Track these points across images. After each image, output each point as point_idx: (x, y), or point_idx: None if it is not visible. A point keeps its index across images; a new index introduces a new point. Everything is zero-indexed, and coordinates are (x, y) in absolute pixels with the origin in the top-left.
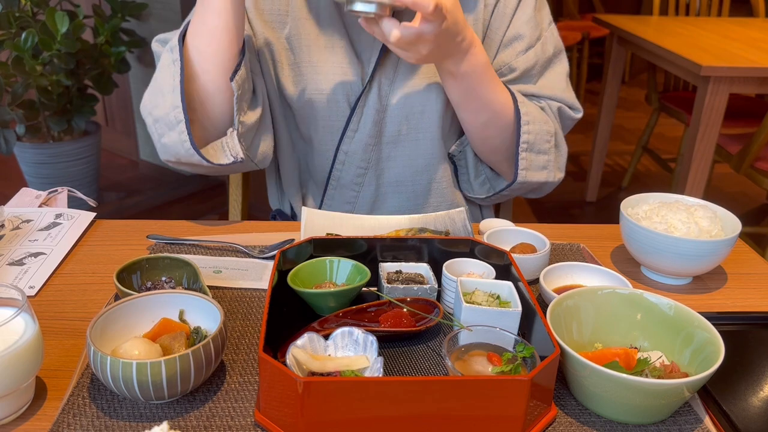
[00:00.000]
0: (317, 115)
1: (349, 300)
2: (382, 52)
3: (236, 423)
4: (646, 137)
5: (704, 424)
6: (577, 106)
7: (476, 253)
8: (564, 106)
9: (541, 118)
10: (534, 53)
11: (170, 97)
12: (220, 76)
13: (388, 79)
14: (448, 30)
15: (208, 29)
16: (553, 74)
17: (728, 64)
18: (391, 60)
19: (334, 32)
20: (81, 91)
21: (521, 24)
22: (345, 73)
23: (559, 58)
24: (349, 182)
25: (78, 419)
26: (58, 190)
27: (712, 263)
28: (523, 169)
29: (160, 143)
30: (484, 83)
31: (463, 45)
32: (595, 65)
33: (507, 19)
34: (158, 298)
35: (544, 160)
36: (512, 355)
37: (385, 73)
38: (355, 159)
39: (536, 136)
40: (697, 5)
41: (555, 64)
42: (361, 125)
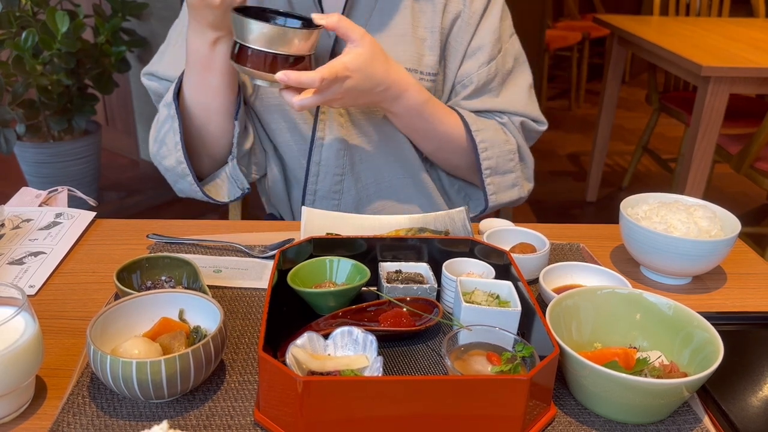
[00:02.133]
0: (283, 127)
1: (349, 299)
2: (334, 53)
3: (236, 422)
4: (646, 137)
5: (703, 424)
6: (540, 119)
7: (476, 252)
8: (527, 120)
9: (500, 138)
10: (495, 65)
11: (174, 154)
12: (226, 122)
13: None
14: (357, 87)
15: (213, 88)
16: (514, 87)
17: (728, 65)
18: None
19: None
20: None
21: (485, 34)
22: None
23: (520, 70)
24: (327, 192)
25: (78, 418)
26: (58, 189)
27: (712, 263)
28: (493, 194)
29: (175, 187)
30: (425, 119)
31: (389, 93)
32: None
33: (471, 29)
34: (158, 298)
35: (512, 179)
36: (512, 355)
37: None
38: (329, 168)
39: (498, 159)
40: (698, 5)
41: (516, 76)
42: (327, 133)
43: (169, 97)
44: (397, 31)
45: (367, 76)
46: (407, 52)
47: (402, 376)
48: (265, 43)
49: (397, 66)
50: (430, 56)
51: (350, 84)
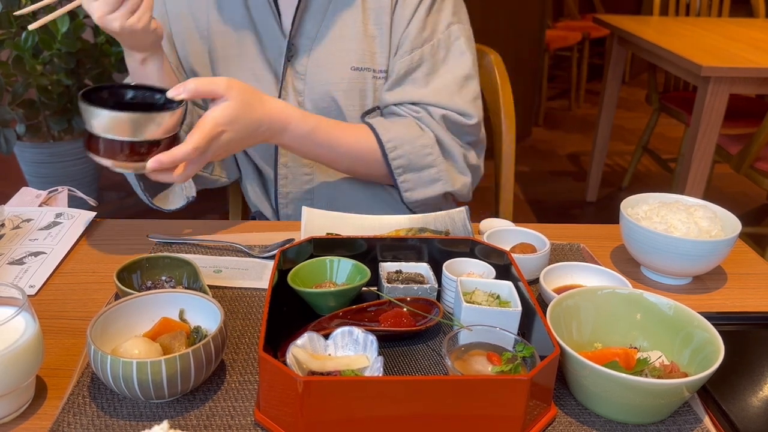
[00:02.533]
0: None
1: (349, 299)
2: (288, 59)
3: (236, 422)
4: (646, 137)
5: (704, 424)
6: (468, 112)
7: (476, 252)
8: (451, 113)
9: (412, 134)
10: (420, 55)
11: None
12: None
13: (300, 85)
14: (235, 137)
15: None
16: (442, 79)
17: (728, 65)
18: (299, 67)
19: (245, 42)
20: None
21: (412, 25)
22: (258, 81)
23: (455, 62)
24: (299, 193)
25: (78, 418)
26: (59, 189)
27: (712, 263)
28: (407, 191)
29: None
30: (319, 144)
31: (271, 131)
32: (595, 65)
33: (405, 21)
34: (158, 298)
35: (432, 174)
36: (512, 355)
37: (297, 79)
38: (298, 168)
39: (410, 157)
40: (698, 5)
41: (450, 67)
42: None
43: None
44: (350, 31)
45: (243, 125)
46: (359, 51)
47: (402, 376)
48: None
49: (273, 102)
50: (381, 54)
51: (227, 137)
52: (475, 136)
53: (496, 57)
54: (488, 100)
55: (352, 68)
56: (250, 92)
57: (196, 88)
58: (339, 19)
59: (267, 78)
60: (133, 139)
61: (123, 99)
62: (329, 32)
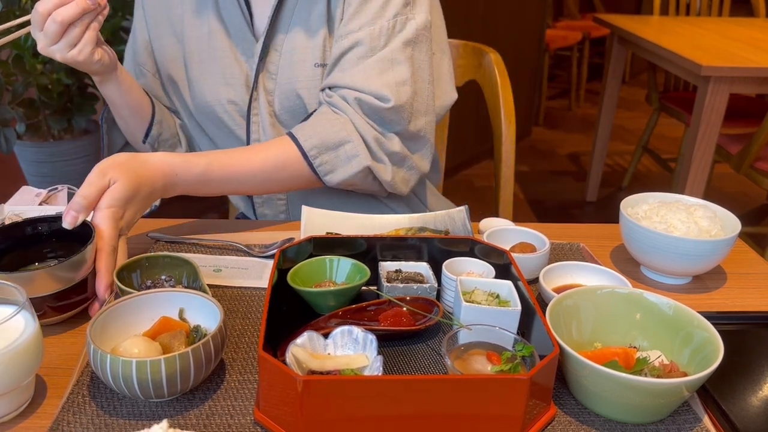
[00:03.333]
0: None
1: (349, 299)
2: (261, 58)
3: (236, 421)
4: (646, 137)
5: (703, 424)
6: (383, 95)
7: (476, 252)
8: (364, 95)
9: (322, 119)
10: (354, 40)
11: None
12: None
13: (272, 84)
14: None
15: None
16: (365, 66)
17: (728, 64)
18: (271, 65)
19: (216, 45)
20: (81, 89)
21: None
22: (229, 84)
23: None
24: (273, 197)
25: (78, 417)
26: (58, 188)
27: (712, 263)
28: (327, 174)
29: None
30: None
31: (164, 186)
32: (595, 65)
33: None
34: (158, 297)
35: (348, 150)
36: (511, 354)
37: (269, 77)
38: None
39: (322, 136)
40: (698, 5)
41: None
42: (261, 134)
43: (101, 117)
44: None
45: (139, 197)
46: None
47: (402, 376)
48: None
49: (154, 158)
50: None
51: (129, 215)
52: (400, 125)
53: (496, 56)
54: (488, 99)
55: (315, 65)
56: (127, 163)
57: (84, 199)
58: (306, 15)
59: (238, 80)
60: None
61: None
62: (297, 28)
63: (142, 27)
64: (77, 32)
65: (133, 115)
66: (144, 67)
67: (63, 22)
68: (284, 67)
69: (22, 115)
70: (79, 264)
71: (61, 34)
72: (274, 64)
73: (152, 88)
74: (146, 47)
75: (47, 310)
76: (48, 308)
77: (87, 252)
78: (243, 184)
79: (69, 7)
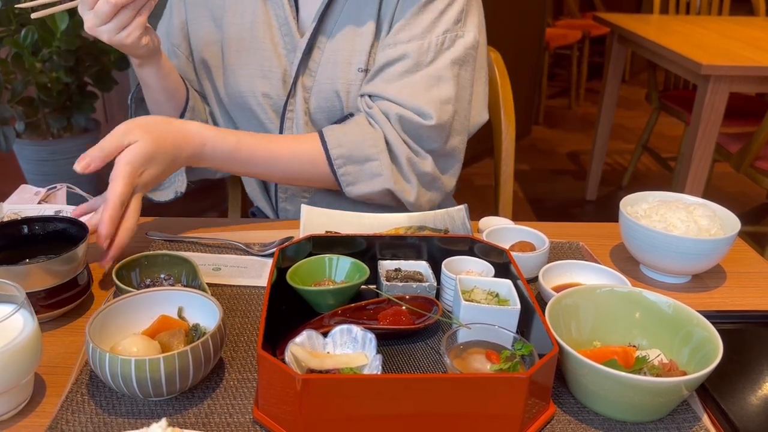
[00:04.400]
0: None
1: (348, 298)
2: (306, 52)
3: (235, 420)
4: (646, 136)
5: (702, 423)
6: (426, 112)
7: (475, 251)
8: (406, 112)
9: (357, 129)
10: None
11: None
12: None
13: (310, 82)
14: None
15: (155, 100)
16: (412, 81)
17: (728, 63)
18: (312, 64)
19: (258, 35)
20: (81, 88)
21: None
22: (265, 77)
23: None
24: (297, 190)
25: (77, 416)
26: (57, 186)
27: (711, 262)
28: (348, 185)
29: None
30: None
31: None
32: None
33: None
34: (157, 295)
35: (373, 167)
36: (511, 353)
37: (308, 76)
38: None
39: (350, 147)
40: (698, 4)
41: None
42: (294, 131)
43: (129, 98)
44: (363, 30)
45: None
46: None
47: (401, 375)
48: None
49: (187, 125)
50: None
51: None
52: (436, 143)
53: (496, 55)
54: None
55: (359, 69)
56: (157, 125)
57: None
58: (354, 17)
59: (275, 74)
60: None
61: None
62: (344, 29)
63: (179, 8)
64: (128, 15)
65: (168, 100)
66: (178, 49)
67: (117, 3)
68: (325, 66)
69: (22, 113)
70: (72, 260)
71: (112, 15)
72: (315, 62)
73: (184, 70)
74: (182, 28)
75: (38, 307)
76: (39, 305)
77: (80, 249)
78: (266, 170)
79: None
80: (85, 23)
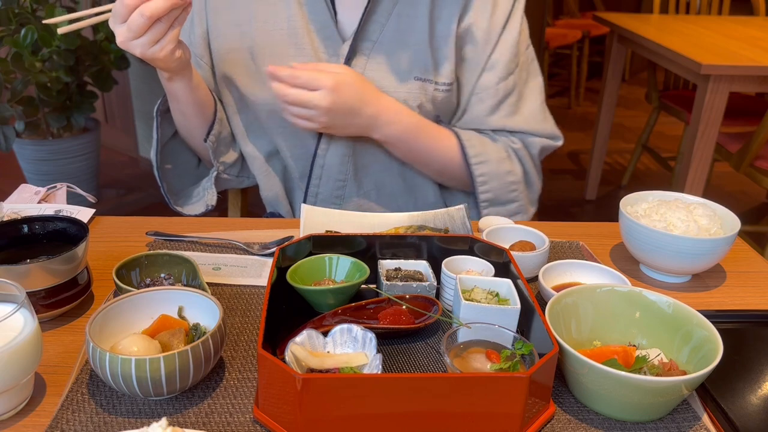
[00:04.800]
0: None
1: (348, 297)
2: (349, 58)
3: (235, 419)
4: (646, 135)
5: (702, 422)
6: (556, 134)
7: (475, 250)
8: (545, 141)
9: (503, 169)
10: (513, 79)
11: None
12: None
13: None
14: (335, 110)
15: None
16: (530, 102)
17: (728, 63)
18: (358, 66)
19: (296, 41)
20: (80, 87)
21: (506, 48)
22: None
23: (534, 81)
24: (329, 196)
25: (77, 415)
26: (57, 186)
27: (711, 261)
28: (485, 209)
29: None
30: (421, 143)
31: (371, 121)
32: (595, 63)
33: (493, 40)
34: (157, 295)
35: (514, 208)
36: (511, 353)
37: None
38: (332, 172)
39: (497, 192)
40: (698, 4)
41: (531, 88)
42: (333, 138)
43: (155, 109)
44: (415, 38)
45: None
46: (423, 60)
47: (401, 374)
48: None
49: (382, 94)
50: (445, 66)
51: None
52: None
53: None
54: None
55: (415, 78)
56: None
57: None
58: (404, 25)
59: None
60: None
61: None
62: (393, 37)
63: (201, 17)
64: (162, 28)
65: (197, 113)
66: (202, 59)
67: (152, 16)
68: (371, 74)
69: (22, 113)
70: (72, 260)
71: (146, 29)
72: (360, 69)
73: (209, 81)
74: (204, 38)
75: (38, 306)
76: (39, 305)
77: (80, 248)
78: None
79: (158, 1)
80: (117, 37)
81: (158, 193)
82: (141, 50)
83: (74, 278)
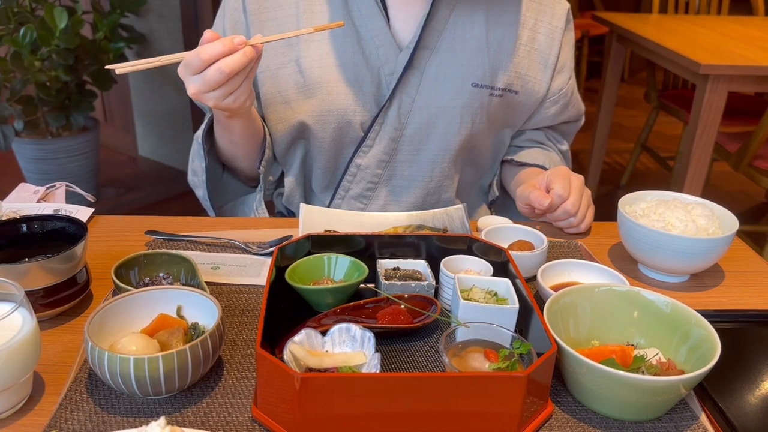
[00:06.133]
0: (331, 131)
1: (347, 296)
2: (406, 69)
3: (233, 419)
4: (645, 135)
5: (700, 421)
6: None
7: (474, 250)
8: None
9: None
10: (572, 80)
11: (202, 188)
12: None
13: (410, 97)
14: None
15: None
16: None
17: (727, 63)
18: (413, 77)
19: (347, 50)
20: (80, 87)
21: (569, 49)
22: (359, 91)
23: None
24: (357, 194)
25: (75, 414)
26: (56, 185)
27: (709, 261)
28: None
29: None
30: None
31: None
32: (594, 63)
33: (557, 43)
34: (156, 294)
35: None
36: (509, 352)
37: (407, 90)
38: (367, 173)
39: None
40: (697, 3)
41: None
42: (377, 141)
43: (199, 136)
44: (472, 44)
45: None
46: (481, 67)
47: (400, 373)
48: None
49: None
50: (502, 71)
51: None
52: None
53: None
54: None
55: (473, 84)
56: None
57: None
58: (460, 31)
59: (367, 90)
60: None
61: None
62: (450, 44)
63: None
64: (238, 81)
65: (248, 143)
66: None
67: (231, 73)
68: (429, 82)
69: (21, 112)
70: (70, 259)
71: (223, 84)
72: (417, 77)
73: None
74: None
75: (37, 305)
76: (38, 304)
77: (78, 247)
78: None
79: (236, 58)
80: (189, 89)
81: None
82: (215, 102)
83: (73, 277)
